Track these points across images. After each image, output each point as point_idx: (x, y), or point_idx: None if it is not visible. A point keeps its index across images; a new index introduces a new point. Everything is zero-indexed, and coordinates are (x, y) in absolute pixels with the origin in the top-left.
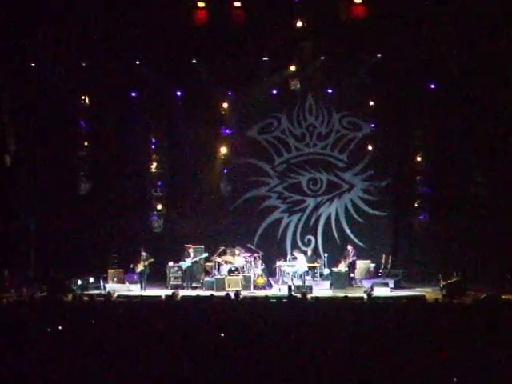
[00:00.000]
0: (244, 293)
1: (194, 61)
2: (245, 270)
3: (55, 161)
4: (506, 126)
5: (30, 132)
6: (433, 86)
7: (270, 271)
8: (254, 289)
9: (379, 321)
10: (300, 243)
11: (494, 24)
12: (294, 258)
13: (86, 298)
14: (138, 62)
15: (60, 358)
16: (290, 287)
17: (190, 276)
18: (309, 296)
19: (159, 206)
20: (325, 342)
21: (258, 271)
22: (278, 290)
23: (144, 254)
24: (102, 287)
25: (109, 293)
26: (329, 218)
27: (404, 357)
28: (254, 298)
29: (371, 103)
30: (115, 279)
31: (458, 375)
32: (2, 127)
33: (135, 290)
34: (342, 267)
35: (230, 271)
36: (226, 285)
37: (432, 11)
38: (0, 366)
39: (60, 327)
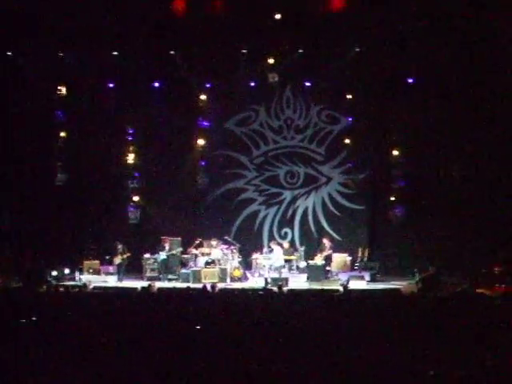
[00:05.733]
0: (220, 285)
1: (172, 52)
2: (221, 262)
3: (31, 151)
4: (484, 120)
5: (5, 122)
6: (410, 81)
7: (247, 264)
8: (230, 281)
9: (354, 314)
10: (277, 236)
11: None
12: (271, 250)
13: (61, 289)
14: (115, 53)
15: (33, 350)
16: (266, 280)
17: (166, 268)
18: (285, 288)
19: (136, 198)
20: (300, 335)
21: (235, 263)
22: (255, 282)
23: (120, 246)
24: (77, 278)
25: (84, 284)
26: (306, 211)
27: (379, 349)
28: (231, 290)
29: (349, 97)
30: (91, 270)
31: (434, 368)
32: None
33: (111, 281)
34: (319, 260)
35: (207, 263)
36: (203, 277)
37: (411, 4)
38: None
39: (34, 318)
